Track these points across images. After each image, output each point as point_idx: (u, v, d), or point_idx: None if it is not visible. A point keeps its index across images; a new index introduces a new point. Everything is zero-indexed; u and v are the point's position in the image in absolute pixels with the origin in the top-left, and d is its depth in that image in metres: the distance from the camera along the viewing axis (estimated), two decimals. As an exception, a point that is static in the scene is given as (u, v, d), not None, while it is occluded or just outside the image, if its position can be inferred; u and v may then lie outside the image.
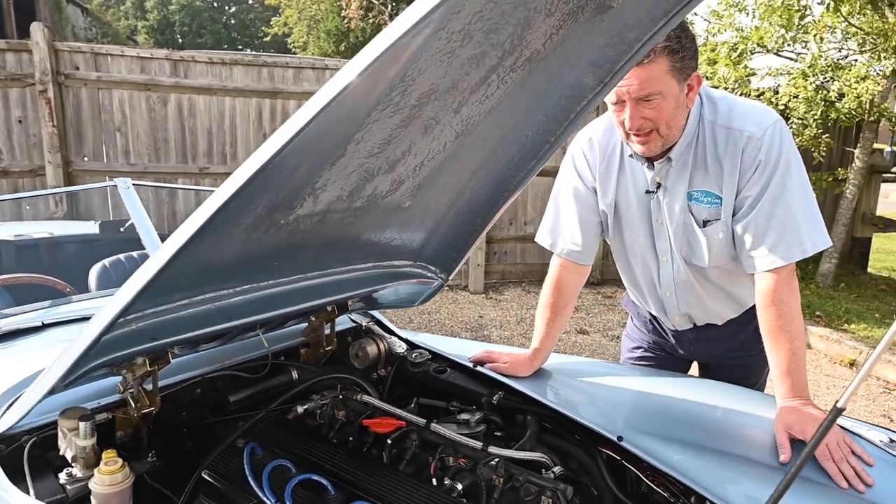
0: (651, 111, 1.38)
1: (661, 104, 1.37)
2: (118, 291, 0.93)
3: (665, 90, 1.35)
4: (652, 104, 1.37)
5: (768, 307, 1.41)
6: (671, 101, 1.38)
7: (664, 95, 1.36)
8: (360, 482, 1.18)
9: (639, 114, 1.38)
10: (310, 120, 0.77)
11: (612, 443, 1.30)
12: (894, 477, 1.27)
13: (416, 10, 0.73)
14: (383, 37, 0.75)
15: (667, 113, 1.39)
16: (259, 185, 0.85)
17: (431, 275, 1.72)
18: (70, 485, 1.12)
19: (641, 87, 1.33)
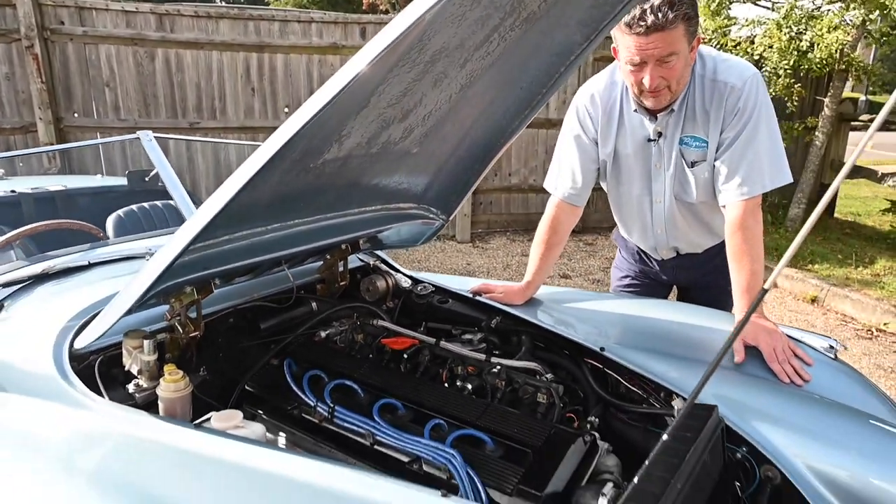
0: (668, 71, 1.55)
1: (676, 64, 1.55)
2: (181, 228, 1.10)
3: (680, 51, 1.53)
4: (670, 64, 1.54)
5: (735, 233, 1.64)
6: (682, 61, 1.56)
7: (679, 56, 1.53)
8: (385, 386, 1.39)
9: (658, 73, 1.55)
10: (352, 79, 0.93)
11: (595, 354, 1.53)
12: (828, 374, 1.52)
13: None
14: (411, 8, 0.91)
15: (679, 71, 1.57)
16: (302, 135, 1.01)
17: (433, 216, 1.91)
18: (138, 393, 1.32)
19: (664, 49, 1.50)
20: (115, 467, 1.09)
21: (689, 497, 1.06)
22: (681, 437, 1.15)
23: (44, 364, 1.29)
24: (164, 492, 1.00)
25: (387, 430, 1.22)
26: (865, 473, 1.21)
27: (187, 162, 5.00)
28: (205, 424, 1.18)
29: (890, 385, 3.31)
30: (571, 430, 1.21)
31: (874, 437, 1.27)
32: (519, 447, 1.19)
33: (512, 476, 1.11)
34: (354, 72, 0.94)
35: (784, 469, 1.23)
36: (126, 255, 1.66)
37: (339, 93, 0.94)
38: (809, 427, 1.30)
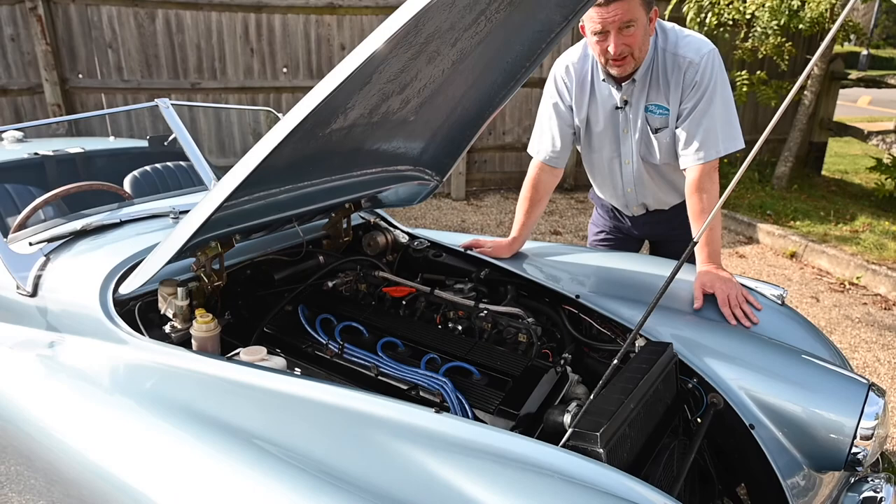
0: (629, 38, 1.72)
1: (636, 31, 1.71)
2: (213, 189, 1.28)
3: (638, 19, 1.70)
4: (630, 31, 1.71)
5: (693, 194, 1.83)
6: (641, 29, 1.72)
7: (637, 24, 1.70)
8: (387, 328, 1.60)
9: (620, 41, 1.72)
10: (363, 62, 1.10)
11: (572, 301, 1.74)
12: (776, 318, 1.73)
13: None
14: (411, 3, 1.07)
15: (639, 39, 1.74)
16: (315, 111, 1.19)
17: (428, 177, 2.09)
18: (173, 333, 1.53)
19: (623, 16, 1.67)
20: (159, 391, 1.31)
21: (641, 415, 1.29)
22: (637, 368, 1.38)
23: (92, 308, 1.50)
24: (203, 409, 1.21)
25: (389, 363, 1.44)
26: (792, 398, 1.43)
27: (189, 122, 5.11)
28: (235, 358, 1.40)
29: (855, 334, 3.56)
30: (545, 363, 1.43)
31: (803, 369, 1.49)
32: (501, 377, 1.41)
33: (494, 399, 1.33)
34: (363, 56, 1.12)
35: (726, 395, 1.46)
36: (153, 213, 1.85)
37: (350, 75, 1.11)
38: (750, 361, 1.52)
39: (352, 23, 5.38)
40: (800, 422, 1.42)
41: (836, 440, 1.39)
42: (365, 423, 1.16)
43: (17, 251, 1.68)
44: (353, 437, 1.14)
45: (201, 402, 1.24)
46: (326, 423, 1.18)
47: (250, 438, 1.11)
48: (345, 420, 1.18)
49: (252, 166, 1.20)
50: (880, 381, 3.06)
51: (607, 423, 1.15)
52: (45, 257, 1.66)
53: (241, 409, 1.22)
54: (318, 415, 1.20)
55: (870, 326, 3.65)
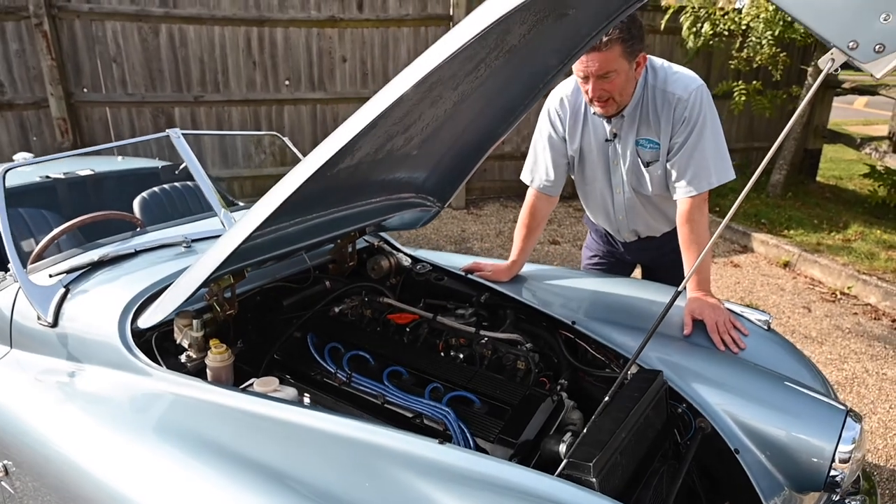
0: (609, 84, 1.80)
1: (616, 79, 1.79)
2: (228, 232, 1.36)
3: (619, 69, 1.77)
4: (609, 79, 1.79)
5: (684, 224, 1.91)
6: (623, 76, 1.80)
7: (618, 73, 1.78)
8: (392, 356, 1.68)
9: (599, 87, 1.80)
10: (374, 120, 1.18)
11: (568, 326, 1.82)
12: (762, 343, 1.81)
13: (441, 48, 1.13)
14: (414, 68, 1.16)
15: (620, 86, 1.82)
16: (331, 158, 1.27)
17: (430, 203, 2.17)
18: (189, 363, 1.60)
19: (600, 68, 1.75)
20: (176, 421, 1.39)
21: (632, 443, 1.37)
22: (629, 397, 1.46)
23: (111, 339, 1.57)
24: (218, 439, 1.29)
25: (394, 392, 1.52)
26: (775, 423, 1.52)
27: (193, 128, 5.19)
28: (248, 389, 1.48)
29: (845, 345, 3.65)
30: (542, 392, 1.51)
31: (786, 395, 1.58)
32: (500, 405, 1.49)
33: (494, 428, 1.41)
34: (375, 112, 1.20)
35: (713, 420, 1.54)
36: (166, 242, 1.93)
37: (359, 132, 1.19)
38: (736, 386, 1.60)
39: (353, 35, 5.46)
40: (781, 445, 1.50)
41: (815, 463, 1.47)
42: (372, 454, 1.24)
43: (37, 282, 1.76)
44: (361, 468, 1.21)
45: (216, 433, 1.32)
46: (335, 453, 1.26)
47: (262, 469, 1.19)
48: (353, 451, 1.25)
49: (265, 215, 1.28)
50: (867, 393, 3.15)
51: (600, 452, 1.23)
52: (64, 288, 1.74)
53: (253, 439, 1.30)
54: (328, 445, 1.28)
55: (859, 337, 3.74)
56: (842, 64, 0.99)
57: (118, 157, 3.19)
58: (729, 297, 4.27)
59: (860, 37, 0.93)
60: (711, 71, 6.60)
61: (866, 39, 0.92)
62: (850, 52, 0.93)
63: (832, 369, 3.37)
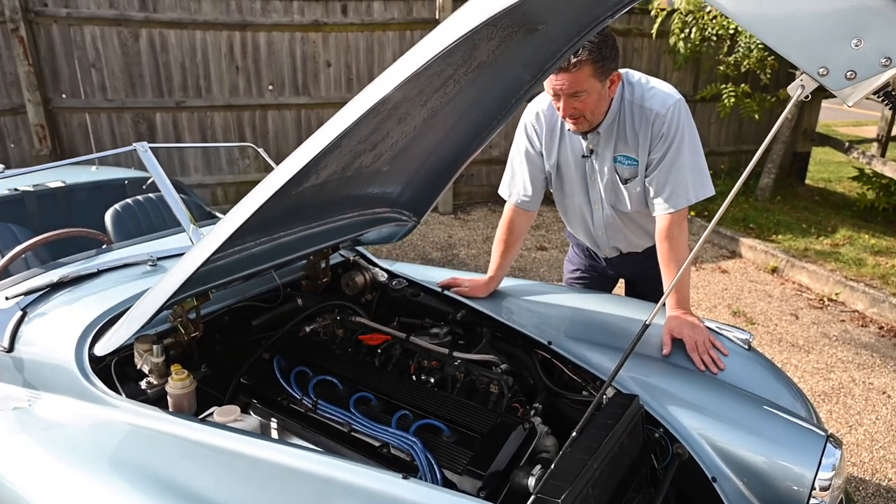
0: (579, 103, 1.76)
1: (587, 98, 1.75)
2: (188, 254, 1.31)
3: (589, 88, 1.73)
4: (580, 98, 1.74)
5: (663, 241, 1.87)
6: (595, 96, 1.75)
7: (589, 92, 1.73)
8: (361, 380, 1.63)
9: (570, 105, 1.76)
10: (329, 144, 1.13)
11: (544, 346, 1.77)
12: (742, 363, 1.77)
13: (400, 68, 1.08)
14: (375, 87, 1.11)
15: (591, 105, 1.77)
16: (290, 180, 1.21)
17: (406, 218, 2.12)
18: (149, 389, 1.55)
19: (570, 87, 1.71)
20: (134, 455, 1.33)
21: (605, 473, 1.32)
22: (603, 424, 1.41)
23: (68, 365, 1.51)
24: (176, 476, 1.24)
25: (361, 420, 1.46)
26: (754, 449, 1.47)
27: (175, 139, 5.12)
28: (208, 418, 1.42)
29: (832, 353, 3.62)
30: (513, 419, 1.46)
31: (765, 420, 1.54)
32: (470, 433, 1.44)
33: (462, 458, 1.36)
34: (331, 136, 1.15)
35: (690, 446, 1.50)
36: (130, 261, 1.87)
37: (321, 151, 1.14)
38: (715, 410, 1.56)
39: (337, 40, 5.40)
40: (760, 472, 1.46)
41: (794, 491, 1.43)
42: (332, 490, 1.19)
43: (-7, 305, 1.69)
44: (320, 507, 1.17)
45: (171, 468, 1.27)
46: (293, 489, 1.20)
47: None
48: (312, 486, 1.20)
49: (226, 235, 1.22)
50: (854, 403, 3.13)
51: (570, 487, 1.18)
52: (21, 311, 1.68)
53: (209, 474, 1.25)
54: (286, 481, 1.22)
55: (846, 345, 3.71)
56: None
57: (92, 167, 3.12)
58: (716, 304, 4.24)
59: (831, 63, 0.88)
60: (700, 74, 6.59)
61: (837, 66, 0.88)
62: (821, 78, 0.89)
63: (818, 379, 3.34)
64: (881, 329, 3.92)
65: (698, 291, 4.42)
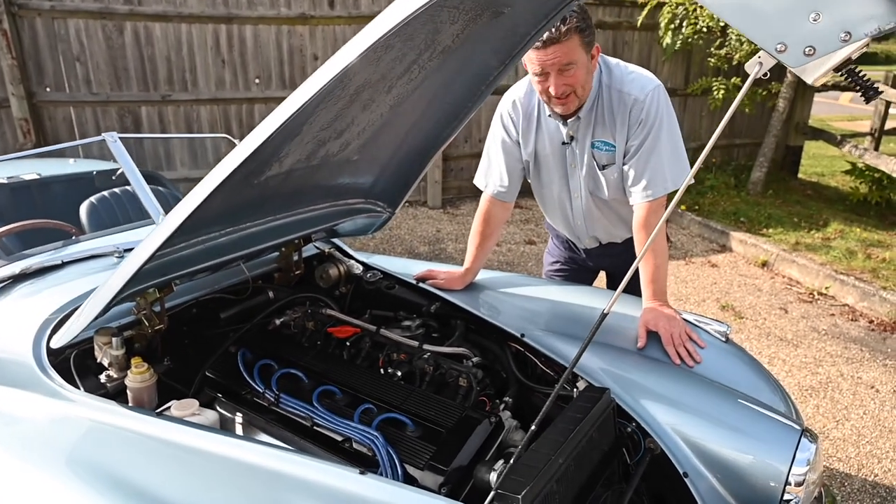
0: (570, 78, 1.71)
1: (577, 72, 1.70)
2: (141, 243, 1.27)
3: (578, 60, 1.68)
4: (570, 72, 1.69)
5: (640, 230, 1.83)
6: (583, 69, 1.71)
7: (578, 64, 1.69)
8: (327, 373, 1.59)
9: (561, 81, 1.71)
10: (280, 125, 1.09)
11: (517, 338, 1.74)
12: (720, 356, 1.73)
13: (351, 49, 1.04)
14: (327, 68, 1.07)
15: (581, 78, 1.72)
16: (241, 167, 1.17)
17: (380, 209, 2.08)
18: (109, 383, 1.51)
19: (561, 59, 1.66)
20: (88, 451, 1.29)
21: (572, 468, 1.29)
22: (571, 418, 1.38)
23: (25, 359, 1.48)
24: (129, 473, 1.20)
25: (323, 415, 1.43)
26: (727, 443, 1.44)
27: (161, 131, 5.07)
28: (165, 412, 1.38)
29: (820, 347, 3.59)
30: (478, 414, 1.43)
31: (739, 413, 1.50)
32: (435, 428, 1.40)
33: (425, 453, 1.33)
34: (281, 119, 1.11)
35: (662, 441, 1.46)
36: (96, 253, 1.83)
37: (272, 134, 1.10)
38: (688, 404, 1.53)
39: (324, 33, 5.35)
40: (734, 467, 1.43)
41: (769, 487, 1.40)
42: (286, 486, 1.16)
43: (-48, 297, 1.65)
44: (275, 503, 1.13)
45: (125, 463, 1.23)
46: (247, 485, 1.17)
47: None
48: (266, 482, 1.17)
49: (177, 223, 1.18)
50: (841, 398, 3.10)
51: (531, 483, 1.15)
52: (-19, 303, 1.64)
53: (162, 470, 1.21)
54: (241, 476, 1.19)
55: (835, 339, 3.68)
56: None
57: (70, 159, 3.08)
58: (705, 298, 4.21)
59: (789, 39, 0.84)
60: (691, 67, 6.55)
61: (795, 41, 0.84)
62: (779, 55, 0.85)
63: (806, 373, 3.31)
64: (871, 323, 3.89)
65: (687, 285, 4.39)
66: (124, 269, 1.28)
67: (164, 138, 4.74)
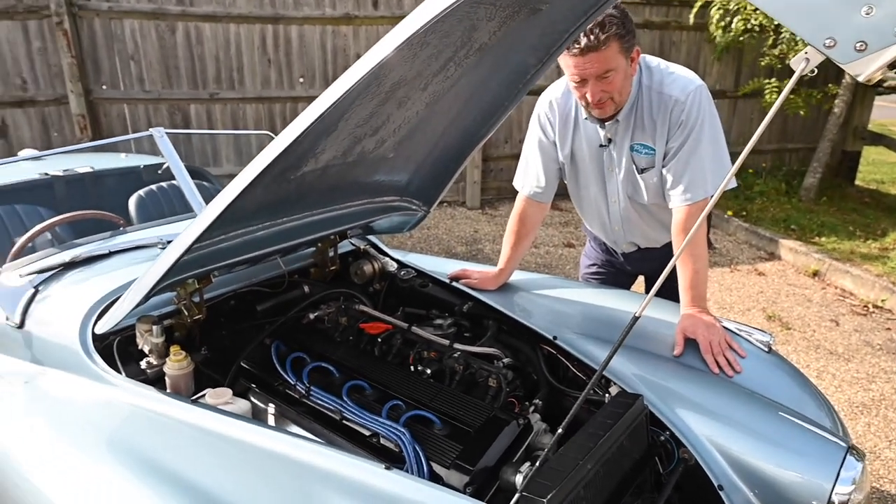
0: (608, 85, 1.68)
1: (615, 78, 1.67)
2: (180, 234, 1.30)
3: (617, 66, 1.65)
4: (608, 79, 1.66)
5: (678, 235, 1.78)
6: (622, 74, 1.68)
7: (617, 71, 1.65)
8: (357, 369, 1.60)
9: (599, 88, 1.68)
10: (315, 119, 1.10)
11: (549, 341, 1.71)
12: (762, 366, 1.67)
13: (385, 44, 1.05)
14: (361, 63, 1.07)
15: (619, 84, 1.69)
16: (278, 160, 1.19)
17: (416, 207, 2.08)
18: (149, 369, 1.56)
19: (600, 67, 1.63)
20: (126, 433, 1.34)
21: (601, 475, 1.26)
22: (601, 423, 1.35)
23: (72, 343, 1.54)
24: (164, 456, 1.24)
25: (352, 409, 1.44)
26: (767, 457, 1.39)
27: (209, 128, 5.23)
28: (200, 400, 1.42)
29: (874, 362, 3.42)
30: (507, 415, 1.41)
31: (780, 427, 1.44)
32: (462, 427, 1.39)
33: (452, 452, 1.32)
34: (316, 114, 1.12)
35: (697, 451, 1.42)
36: (140, 244, 1.89)
37: (307, 128, 1.12)
38: (726, 415, 1.48)
39: (367, 33, 5.41)
40: (773, 483, 1.37)
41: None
42: (313, 477, 1.17)
43: (7, 282, 1.74)
44: (298, 492, 1.15)
45: (160, 447, 1.27)
46: (276, 474, 1.19)
47: (196, 491, 1.13)
48: (294, 472, 1.19)
49: (213, 216, 1.21)
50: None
51: (558, 487, 1.13)
52: (34, 289, 1.71)
53: (194, 454, 1.25)
54: (271, 465, 1.21)
55: (891, 354, 3.51)
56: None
57: (122, 154, 3.20)
58: (750, 307, 4.07)
59: (838, 33, 0.80)
60: (742, 68, 6.34)
61: (845, 36, 0.80)
62: (827, 50, 0.81)
63: (857, 389, 3.16)
64: (930, 338, 3.69)
65: (731, 293, 4.25)
66: (164, 259, 1.32)
67: (210, 134, 4.88)
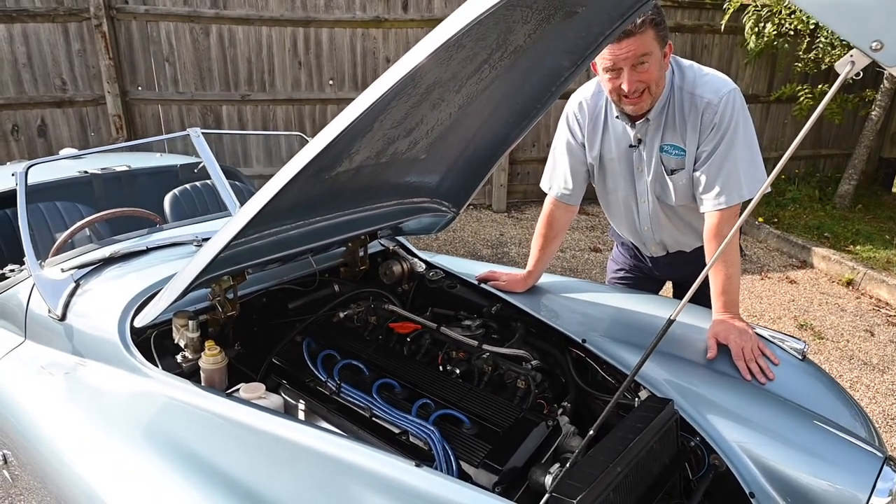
0: (644, 74, 1.66)
1: (651, 66, 1.65)
2: (218, 232, 1.34)
3: (653, 53, 1.64)
4: (644, 67, 1.65)
5: (711, 240, 1.76)
6: (657, 63, 1.66)
7: (652, 58, 1.64)
8: (387, 367, 1.62)
9: (634, 77, 1.66)
10: (355, 119, 1.12)
11: (578, 344, 1.71)
12: (795, 374, 1.65)
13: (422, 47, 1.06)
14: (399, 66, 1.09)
15: (655, 73, 1.68)
16: (314, 161, 1.22)
17: (445, 209, 2.10)
18: (184, 363, 1.59)
19: (636, 52, 1.61)
20: (162, 425, 1.38)
21: (630, 478, 1.26)
22: (631, 427, 1.34)
23: (111, 336, 1.58)
24: (198, 447, 1.27)
25: (382, 406, 1.45)
26: (800, 466, 1.36)
27: (240, 127, 5.32)
28: (234, 394, 1.45)
29: (910, 374, 3.33)
30: (535, 417, 1.41)
31: (814, 436, 1.42)
32: (491, 427, 1.40)
33: (480, 451, 1.33)
34: (354, 116, 1.14)
35: (728, 458, 1.40)
36: (177, 241, 1.94)
37: (345, 129, 1.13)
38: (758, 422, 1.46)
39: (397, 36, 5.45)
40: (806, 492, 1.35)
41: (844, 516, 1.31)
42: (344, 473, 1.19)
43: (50, 276, 1.79)
44: (329, 486, 1.17)
45: (195, 439, 1.30)
46: (306, 469, 1.21)
47: (229, 482, 1.16)
48: (325, 467, 1.20)
49: (249, 216, 1.24)
50: (932, 430, 2.86)
51: (587, 489, 1.13)
52: (75, 283, 1.77)
53: (228, 447, 1.27)
54: (303, 460, 1.23)
55: (927, 366, 3.41)
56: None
57: (157, 153, 3.28)
58: (781, 315, 4.00)
59: (886, 36, 0.79)
60: (775, 73, 6.24)
61: (893, 39, 0.79)
62: (874, 53, 0.80)
63: (893, 401, 3.08)
64: (969, 351, 3.58)
65: (762, 301, 4.18)
66: (202, 256, 1.35)
67: (242, 135, 4.97)
